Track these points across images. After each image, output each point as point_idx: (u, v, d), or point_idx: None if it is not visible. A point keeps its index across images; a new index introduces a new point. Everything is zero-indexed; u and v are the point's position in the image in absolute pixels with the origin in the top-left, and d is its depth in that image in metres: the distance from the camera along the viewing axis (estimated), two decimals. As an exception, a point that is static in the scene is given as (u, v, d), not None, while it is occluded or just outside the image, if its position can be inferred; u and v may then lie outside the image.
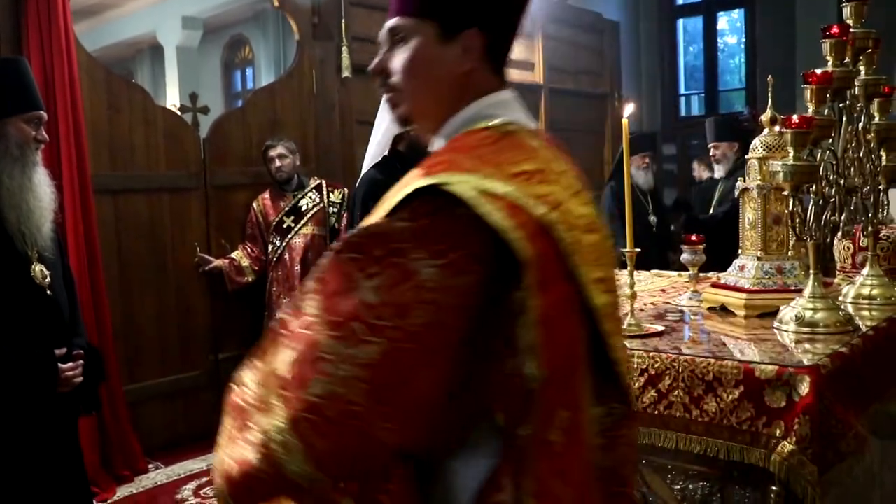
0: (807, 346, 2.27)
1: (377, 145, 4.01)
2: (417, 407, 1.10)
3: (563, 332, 1.19)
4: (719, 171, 6.09)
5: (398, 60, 1.33)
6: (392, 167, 3.88)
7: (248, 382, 1.15)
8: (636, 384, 2.23)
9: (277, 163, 5.27)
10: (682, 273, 3.51)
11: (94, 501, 3.18)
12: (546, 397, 1.15)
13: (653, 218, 6.61)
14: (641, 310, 2.88)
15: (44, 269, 2.77)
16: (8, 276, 2.67)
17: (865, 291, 2.82)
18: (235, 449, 1.11)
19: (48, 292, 2.77)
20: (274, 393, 1.09)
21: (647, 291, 3.31)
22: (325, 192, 5.28)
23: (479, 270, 1.11)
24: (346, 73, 6.11)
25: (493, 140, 1.26)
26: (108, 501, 4.42)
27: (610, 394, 1.36)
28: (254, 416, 1.10)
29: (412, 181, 1.14)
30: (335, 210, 5.29)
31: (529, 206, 1.15)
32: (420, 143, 3.98)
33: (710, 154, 6.17)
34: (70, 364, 2.74)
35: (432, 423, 1.15)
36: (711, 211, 5.96)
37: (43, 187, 2.80)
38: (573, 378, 1.22)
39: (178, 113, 5.63)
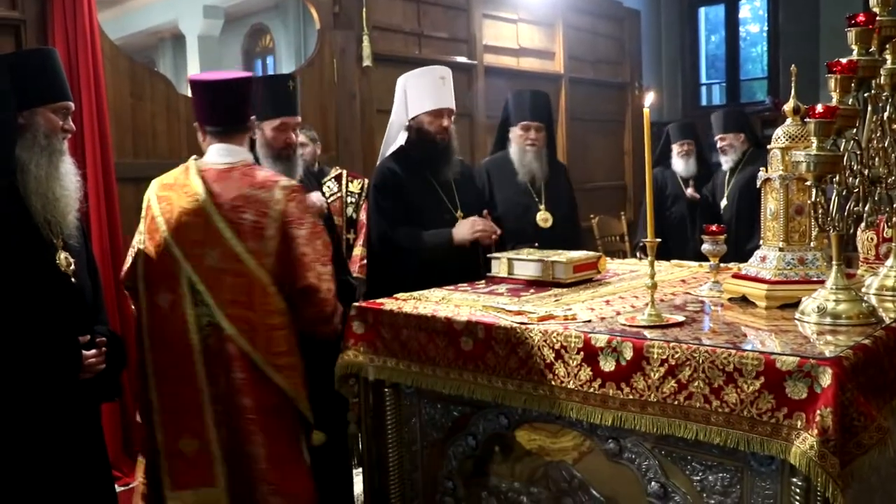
0: (829, 337, 2.26)
1: (391, 134, 4.00)
2: None
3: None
4: (728, 162, 6.10)
5: None
6: (408, 157, 3.88)
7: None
8: (656, 374, 2.23)
9: (300, 150, 5.25)
10: (703, 263, 3.50)
11: (116, 486, 3.20)
12: None
13: (691, 192, 6.64)
14: (662, 300, 2.87)
15: (69, 257, 2.80)
16: (33, 263, 2.70)
17: (889, 283, 2.80)
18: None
19: (72, 279, 2.79)
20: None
21: (667, 282, 3.30)
22: (344, 182, 5.27)
23: None
24: (366, 63, 6.12)
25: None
26: (130, 485, 4.46)
27: None
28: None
29: None
30: (353, 200, 5.27)
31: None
32: (424, 136, 3.98)
33: (718, 146, 6.19)
34: (93, 351, 2.77)
35: None
36: (725, 202, 6.00)
37: (69, 176, 2.82)
38: None
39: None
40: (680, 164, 6.59)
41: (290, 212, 2.81)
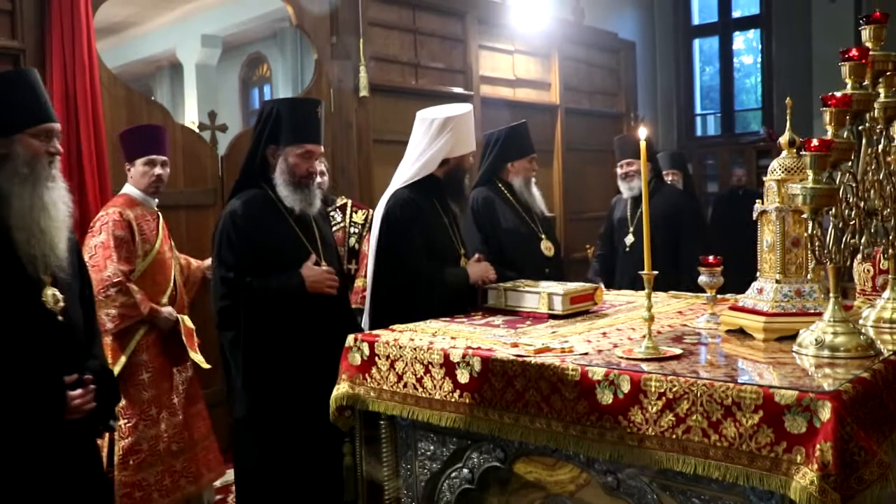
0: (827, 370, 2.25)
1: (419, 167, 3.90)
2: None
3: None
4: (631, 190, 5.64)
5: None
6: (426, 189, 3.84)
7: None
8: (654, 408, 2.21)
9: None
10: (700, 295, 3.49)
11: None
12: None
13: None
14: (659, 332, 2.86)
15: (56, 293, 2.67)
16: (16, 304, 2.59)
17: (886, 315, 2.80)
18: None
19: (59, 318, 2.68)
20: None
21: (664, 313, 3.29)
22: (348, 213, 5.24)
23: None
24: (363, 93, 6.14)
25: None
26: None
27: None
28: None
29: None
30: (356, 231, 5.23)
31: None
32: (460, 173, 3.97)
33: (621, 172, 5.71)
34: (79, 391, 2.65)
35: None
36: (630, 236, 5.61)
37: (57, 204, 2.70)
38: None
39: (197, 130, 5.66)
40: None
41: None
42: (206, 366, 4.18)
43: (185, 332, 4.10)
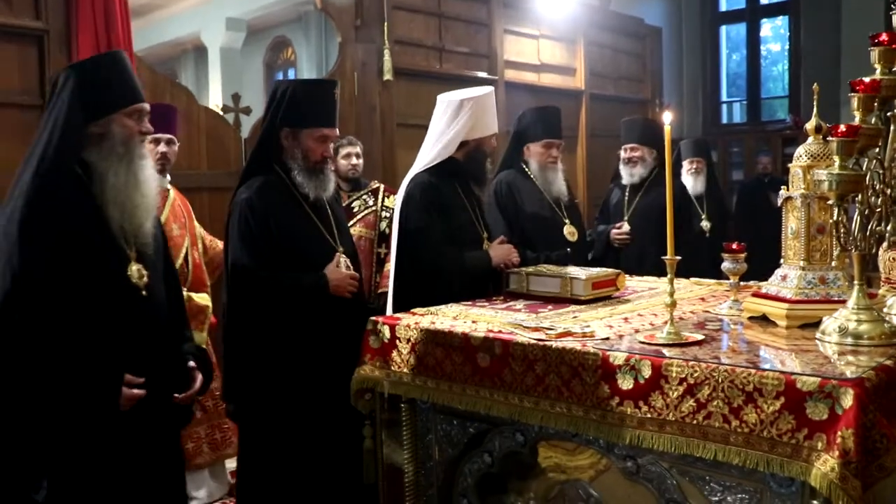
0: (850, 357, 2.23)
1: (439, 150, 3.89)
2: None
3: None
4: (632, 177, 5.42)
5: None
6: (446, 172, 3.83)
7: None
8: (674, 393, 2.21)
9: (354, 160, 5.11)
10: (723, 281, 3.47)
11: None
12: None
13: (706, 223, 6.49)
14: (681, 318, 2.85)
15: (141, 269, 2.69)
16: (104, 275, 2.61)
17: (911, 304, 2.77)
18: None
19: (143, 293, 2.69)
20: None
21: (686, 299, 3.28)
22: (380, 197, 5.23)
23: None
24: (387, 76, 6.14)
25: None
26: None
27: None
28: None
29: None
30: (388, 215, 5.21)
31: None
32: (480, 156, 3.93)
33: (626, 157, 5.48)
34: (136, 392, 2.60)
35: None
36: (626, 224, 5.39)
37: (150, 183, 2.74)
38: None
39: (221, 113, 5.69)
40: (689, 181, 6.46)
41: None
42: (203, 346, 4.18)
43: (192, 309, 4.09)
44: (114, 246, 2.65)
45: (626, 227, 5.34)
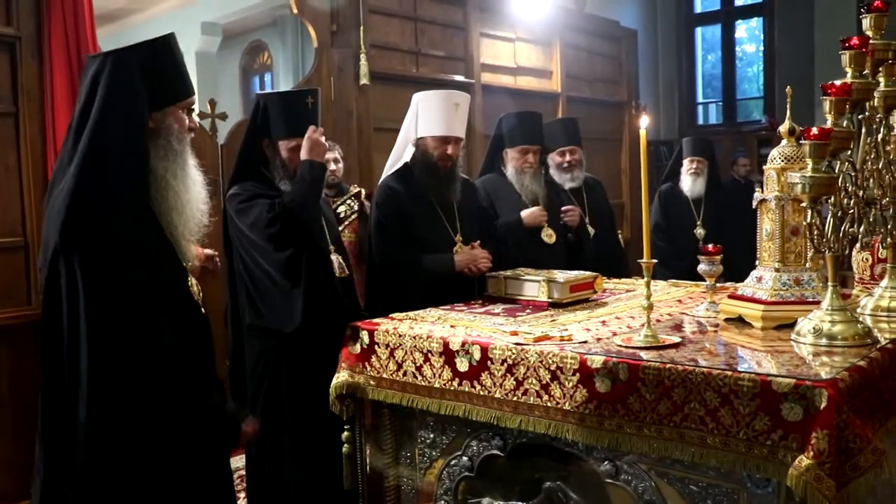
0: (825, 358, 2.26)
1: (395, 152, 3.95)
2: None
3: None
4: (573, 181, 5.10)
5: None
6: (412, 176, 3.85)
7: None
8: (651, 396, 2.22)
9: (332, 166, 5.02)
10: (699, 283, 3.50)
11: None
12: None
13: (700, 231, 5.97)
14: (658, 320, 2.87)
15: (195, 283, 2.52)
16: (173, 293, 2.41)
17: (884, 303, 2.80)
18: None
19: (202, 310, 2.53)
20: None
21: (663, 301, 3.30)
22: (363, 200, 5.23)
23: None
24: (364, 81, 6.13)
25: None
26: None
27: None
28: None
29: None
30: None
31: None
32: (427, 158, 3.91)
33: (561, 161, 5.11)
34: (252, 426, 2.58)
35: None
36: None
37: (200, 183, 2.53)
38: None
39: (197, 119, 5.65)
40: (687, 182, 6.06)
41: None
42: None
43: None
44: (176, 259, 2.45)
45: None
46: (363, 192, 5.25)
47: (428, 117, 3.82)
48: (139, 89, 2.35)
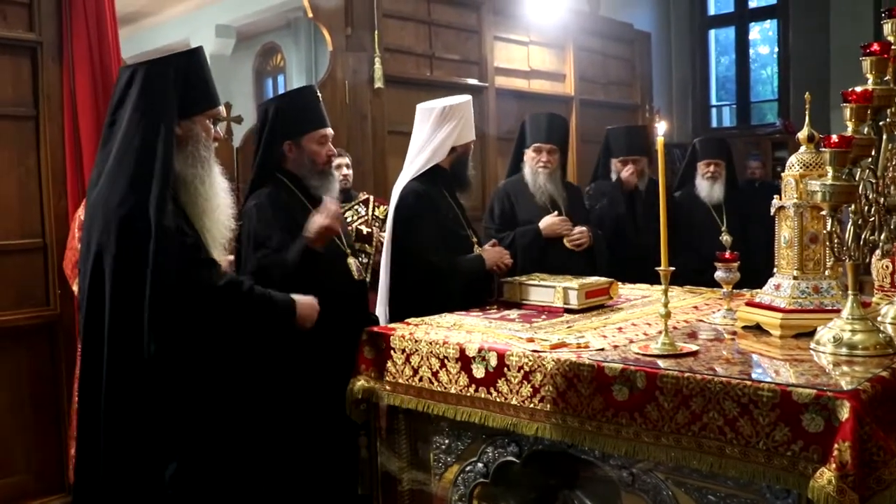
0: (845, 368, 2.24)
1: (427, 156, 3.86)
2: None
3: None
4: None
5: None
6: (435, 180, 3.83)
7: None
8: (669, 405, 2.21)
9: (345, 171, 5.08)
10: (716, 290, 3.48)
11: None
12: None
13: (726, 238, 5.31)
14: (675, 327, 2.85)
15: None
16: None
17: (905, 312, 2.78)
18: None
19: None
20: None
21: (679, 308, 3.28)
22: (371, 207, 5.23)
23: None
24: (378, 84, 6.13)
25: None
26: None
27: None
28: None
29: None
30: (377, 226, 5.22)
31: None
32: (465, 161, 3.93)
33: (626, 168, 5.10)
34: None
35: None
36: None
37: (226, 191, 2.65)
38: None
39: (219, 128, 5.64)
40: (704, 187, 5.61)
41: None
42: None
43: None
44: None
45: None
46: (371, 199, 5.24)
47: (467, 125, 3.88)
48: (172, 98, 2.45)
